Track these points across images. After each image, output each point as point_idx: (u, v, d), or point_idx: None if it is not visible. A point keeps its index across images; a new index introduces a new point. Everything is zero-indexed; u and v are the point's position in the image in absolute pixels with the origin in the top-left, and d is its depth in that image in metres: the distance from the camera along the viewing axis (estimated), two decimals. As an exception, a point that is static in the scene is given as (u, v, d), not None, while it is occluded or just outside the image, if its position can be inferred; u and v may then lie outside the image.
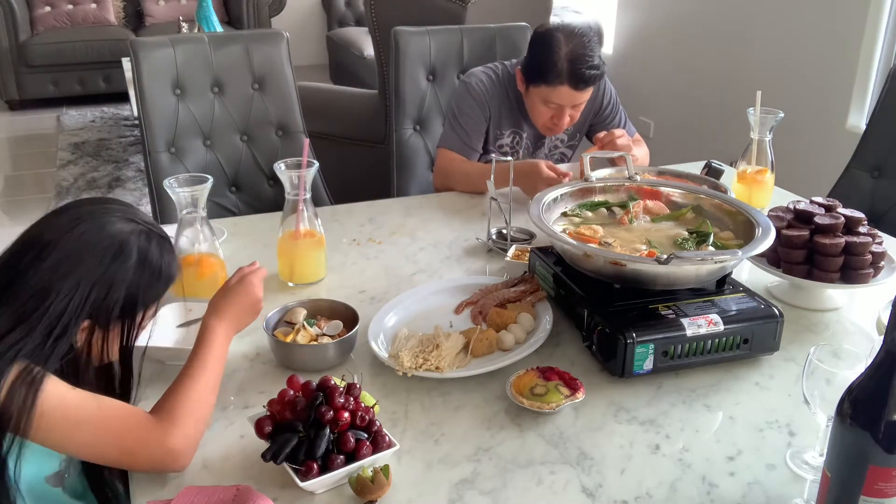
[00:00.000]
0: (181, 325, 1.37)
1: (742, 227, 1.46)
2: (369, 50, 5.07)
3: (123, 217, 1.07)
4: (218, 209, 2.20)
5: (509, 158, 1.77)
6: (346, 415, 1.03)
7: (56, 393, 0.95)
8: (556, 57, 1.96)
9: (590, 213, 1.57)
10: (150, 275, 1.07)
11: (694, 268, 1.29)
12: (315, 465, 1.00)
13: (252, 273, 1.26)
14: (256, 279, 1.25)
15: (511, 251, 1.66)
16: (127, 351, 1.11)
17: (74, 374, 1.04)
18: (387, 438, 1.07)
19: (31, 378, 0.93)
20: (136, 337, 1.11)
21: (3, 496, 0.97)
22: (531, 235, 1.77)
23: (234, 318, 1.20)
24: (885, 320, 1.04)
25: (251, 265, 1.29)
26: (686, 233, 1.49)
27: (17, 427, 0.92)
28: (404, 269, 1.66)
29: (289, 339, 1.30)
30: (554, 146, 2.29)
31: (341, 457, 1.02)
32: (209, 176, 1.47)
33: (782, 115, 1.84)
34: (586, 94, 2.04)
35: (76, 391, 0.98)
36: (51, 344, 0.97)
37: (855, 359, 1.03)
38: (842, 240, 1.44)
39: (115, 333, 1.07)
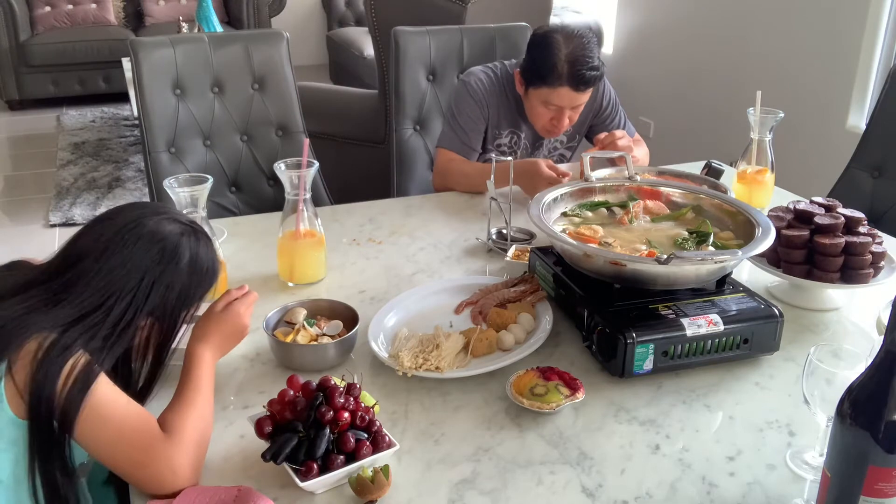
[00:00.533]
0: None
1: (742, 227, 1.46)
2: (369, 50, 5.07)
3: (168, 218, 1.10)
4: (218, 209, 2.20)
5: (509, 158, 1.77)
6: (346, 415, 1.03)
7: (98, 384, 0.97)
8: (555, 59, 1.96)
9: (590, 213, 1.57)
10: (200, 273, 1.11)
11: (694, 268, 1.29)
12: (315, 466, 1.00)
13: (239, 300, 1.23)
14: (243, 307, 1.23)
15: (511, 251, 1.66)
16: (166, 348, 1.13)
17: (126, 372, 1.08)
18: (387, 438, 1.07)
19: (88, 372, 0.96)
20: (178, 334, 1.13)
21: (68, 475, 0.99)
22: (531, 235, 1.76)
23: (218, 344, 1.19)
24: (885, 320, 1.04)
25: (240, 289, 1.26)
26: (686, 233, 1.49)
27: (65, 417, 0.94)
28: (404, 269, 1.66)
29: (289, 339, 1.30)
30: (553, 147, 2.29)
31: (341, 457, 1.02)
32: (209, 176, 1.48)
33: (782, 115, 1.84)
34: (586, 96, 2.04)
35: (112, 387, 0.99)
36: (113, 340, 1.01)
37: (855, 359, 1.03)
38: (842, 240, 1.44)
39: (159, 332, 1.10)
